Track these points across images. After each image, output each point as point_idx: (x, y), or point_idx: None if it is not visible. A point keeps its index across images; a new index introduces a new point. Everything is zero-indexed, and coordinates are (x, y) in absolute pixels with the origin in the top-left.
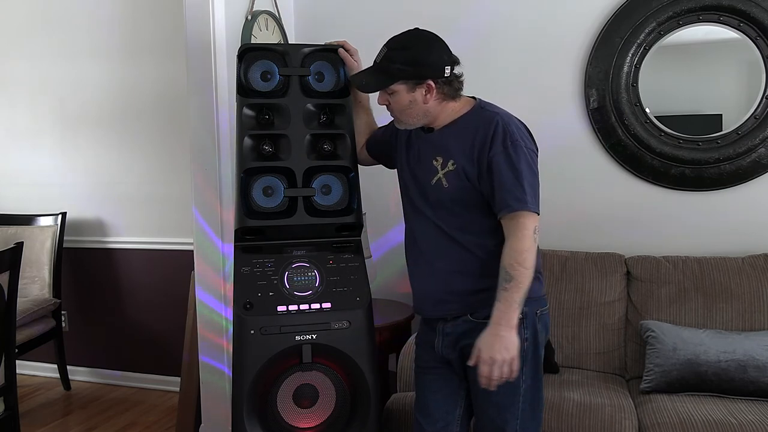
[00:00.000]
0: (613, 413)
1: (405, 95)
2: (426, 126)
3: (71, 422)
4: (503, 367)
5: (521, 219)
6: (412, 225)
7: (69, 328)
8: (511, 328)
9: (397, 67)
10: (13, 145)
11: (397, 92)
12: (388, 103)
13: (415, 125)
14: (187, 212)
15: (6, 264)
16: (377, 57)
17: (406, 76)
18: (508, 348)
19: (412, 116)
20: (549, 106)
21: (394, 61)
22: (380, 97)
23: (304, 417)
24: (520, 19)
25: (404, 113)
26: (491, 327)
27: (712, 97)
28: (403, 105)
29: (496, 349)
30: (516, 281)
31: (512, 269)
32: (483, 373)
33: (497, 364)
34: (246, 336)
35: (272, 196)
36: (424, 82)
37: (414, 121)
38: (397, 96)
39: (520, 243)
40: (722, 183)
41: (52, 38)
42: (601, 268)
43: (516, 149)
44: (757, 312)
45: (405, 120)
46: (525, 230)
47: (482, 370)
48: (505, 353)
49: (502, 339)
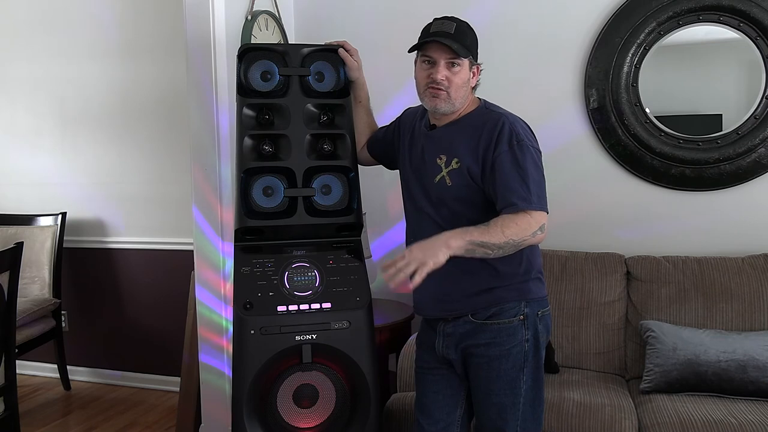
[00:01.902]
0: (613, 413)
1: (467, 72)
2: (431, 120)
3: (71, 422)
4: (421, 268)
5: None
6: (413, 223)
7: (69, 328)
8: (449, 247)
9: (469, 42)
10: (13, 145)
11: (463, 67)
12: (445, 78)
13: (455, 107)
14: (187, 212)
15: (6, 264)
16: (445, 27)
17: (474, 54)
18: (437, 255)
19: (461, 96)
20: (549, 106)
21: (467, 36)
22: (442, 70)
23: (304, 417)
24: (521, 20)
25: (459, 90)
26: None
27: (712, 97)
28: (463, 81)
29: (428, 249)
30: (488, 231)
31: (495, 226)
32: (398, 264)
33: (416, 261)
34: (246, 336)
35: (272, 196)
36: (477, 64)
37: (459, 102)
38: (461, 71)
39: (518, 220)
40: (722, 183)
41: (52, 38)
42: (601, 268)
43: (522, 148)
44: (757, 312)
45: (454, 98)
46: (529, 221)
47: (397, 262)
48: (431, 257)
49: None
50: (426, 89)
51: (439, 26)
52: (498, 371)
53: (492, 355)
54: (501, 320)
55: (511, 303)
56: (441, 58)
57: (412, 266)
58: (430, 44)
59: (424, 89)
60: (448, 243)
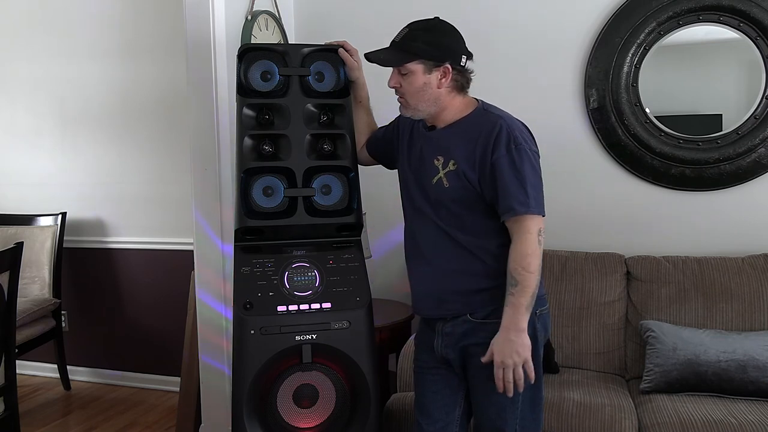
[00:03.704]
0: (613, 413)
1: (420, 77)
2: (428, 123)
3: (71, 422)
4: (517, 369)
5: (525, 222)
6: (412, 224)
7: (69, 328)
8: (520, 331)
9: (418, 45)
10: (13, 145)
11: (413, 73)
12: (400, 85)
13: (422, 114)
14: (187, 212)
15: (6, 264)
16: (396, 36)
17: (426, 56)
18: (519, 351)
19: (423, 101)
20: (549, 106)
21: (416, 40)
22: (393, 79)
23: (304, 417)
24: (520, 20)
25: (416, 96)
26: (502, 332)
27: (712, 97)
28: (417, 87)
29: (507, 354)
30: (521, 285)
31: (517, 273)
32: (498, 376)
33: (509, 367)
34: (246, 336)
35: (272, 196)
36: (442, 65)
37: (423, 107)
38: (411, 77)
39: (523, 246)
40: (722, 183)
41: (52, 38)
42: (601, 268)
43: (519, 152)
44: (757, 312)
45: (414, 105)
46: (528, 233)
47: (497, 374)
48: (516, 357)
49: (513, 343)
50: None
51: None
52: None
53: None
54: (499, 319)
55: None
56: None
57: (509, 374)
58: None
59: None
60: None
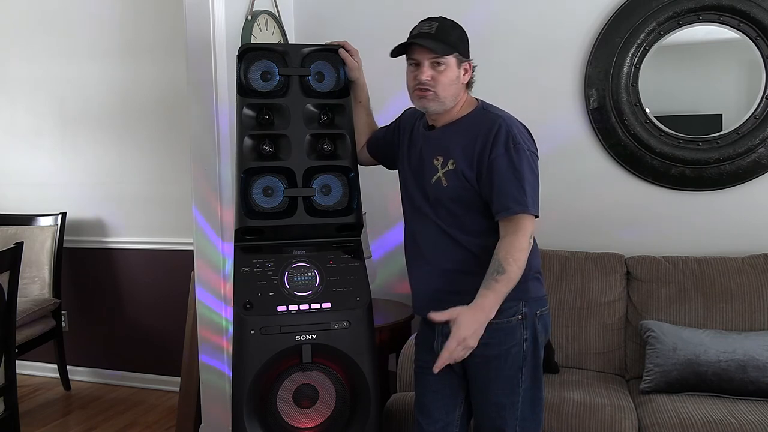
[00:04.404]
0: (613, 413)
1: (454, 69)
2: (429, 121)
3: (71, 422)
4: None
5: (521, 221)
6: (411, 224)
7: (69, 328)
8: (488, 318)
9: (453, 39)
10: (13, 145)
11: (448, 65)
12: (430, 78)
13: (443, 108)
14: (187, 212)
15: (6, 264)
16: (426, 28)
17: (460, 51)
18: (476, 337)
19: (451, 94)
20: (549, 106)
21: (450, 34)
22: (426, 71)
23: (304, 417)
24: (520, 20)
25: (447, 89)
26: (475, 310)
27: (712, 97)
28: (451, 79)
29: (470, 334)
30: (507, 275)
31: (506, 263)
32: (450, 348)
33: (466, 348)
34: (246, 336)
35: (272, 196)
36: (467, 61)
37: (449, 101)
38: (447, 70)
39: (518, 241)
40: (722, 183)
41: (52, 38)
42: (601, 268)
43: (518, 152)
44: (757, 312)
45: (443, 97)
46: (523, 231)
47: (450, 345)
48: (472, 341)
49: (480, 327)
50: (414, 91)
51: (420, 28)
52: (497, 371)
53: (491, 354)
54: (499, 320)
55: (510, 302)
56: (424, 59)
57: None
58: (411, 47)
59: (413, 91)
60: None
